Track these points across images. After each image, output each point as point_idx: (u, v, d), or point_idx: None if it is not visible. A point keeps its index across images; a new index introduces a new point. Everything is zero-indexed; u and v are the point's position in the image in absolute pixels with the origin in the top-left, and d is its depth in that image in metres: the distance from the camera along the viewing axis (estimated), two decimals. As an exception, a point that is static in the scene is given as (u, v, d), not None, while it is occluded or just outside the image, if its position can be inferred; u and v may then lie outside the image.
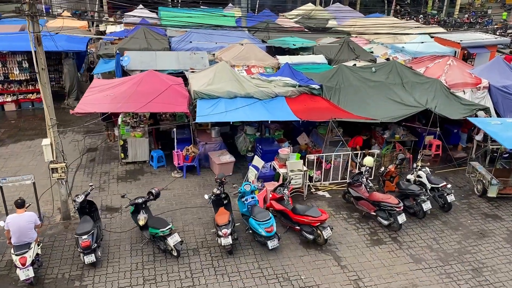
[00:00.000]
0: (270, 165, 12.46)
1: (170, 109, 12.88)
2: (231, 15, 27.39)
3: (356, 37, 23.57)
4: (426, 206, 10.75)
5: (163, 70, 16.59)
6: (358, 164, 12.48)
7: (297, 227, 10.05)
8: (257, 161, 12.05)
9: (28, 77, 18.22)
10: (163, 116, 15.08)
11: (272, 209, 10.58)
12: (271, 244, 9.45)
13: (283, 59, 18.39)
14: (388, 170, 11.66)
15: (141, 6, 29.77)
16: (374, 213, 10.69)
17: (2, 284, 8.43)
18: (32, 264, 8.36)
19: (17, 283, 8.38)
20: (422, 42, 19.86)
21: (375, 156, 12.88)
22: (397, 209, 10.22)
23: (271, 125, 14.33)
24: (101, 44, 21.41)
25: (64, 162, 10.16)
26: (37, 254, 8.58)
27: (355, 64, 17.06)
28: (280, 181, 11.60)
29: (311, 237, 9.80)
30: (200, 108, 12.59)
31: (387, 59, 19.59)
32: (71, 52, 18.24)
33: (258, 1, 37.03)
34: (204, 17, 24.06)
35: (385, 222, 10.50)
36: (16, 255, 8.10)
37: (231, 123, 13.43)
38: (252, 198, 10.07)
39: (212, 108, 12.70)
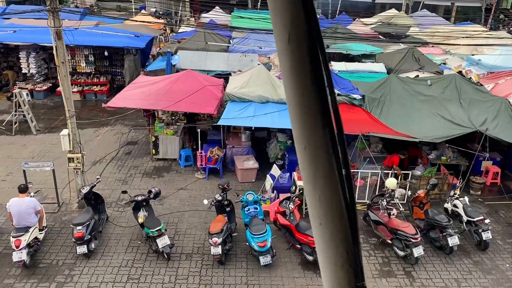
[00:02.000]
0: (291, 176, 11.82)
1: (197, 109, 12.83)
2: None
3: (432, 46, 21.70)
4: (453, 241, 9.37)
5: (211, 71, 16.72)
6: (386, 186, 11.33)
7: (298, 246, 9.36)
8: (275, 170, 11.49)
9: (93, 70, 19.44)
10: (200, 116, 15.11)
11: (279, 224, 9.99)
12: (263, 260, 8.89)
13: (337, 66, 17.51)
14: (417, 195, 10.39)
15: (217, 7, 30.47)
16: (390, 241, 9.59)
17: (2, 262, 8.94)
18: (30, 247, 8.77)
19: (14, 263, 8.82)
20: (500, 55, 17.58)
21: (410, 178, 11.59)
22: (413, 240, 9.04)
23: (304, 134, 13.59)
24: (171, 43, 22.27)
25: (81, 153, 10.53)
26: (36, 238, 8.97)
27: (417, 76, 15.66)
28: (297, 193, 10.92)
29: (311, 258, 9.06)
30: (229, 111, 12.38)
31: (459, 72, 17.69)
32: (132, 48, 19.09)
33: (338, 5, 35.89)
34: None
35: (401, 253, 9.36)
36: (13, 237, 8.54)
37: (269, 128, 13.08)
38: (255, 208, 9.59)
39: (241, 111, 12.41)
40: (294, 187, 10.56)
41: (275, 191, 11.25)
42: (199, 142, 12.72)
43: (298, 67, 0.92)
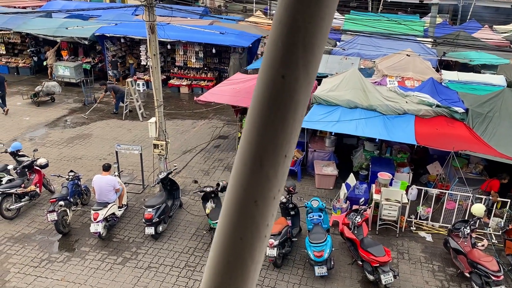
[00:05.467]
0: (369, 188, 11.09)
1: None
2: (421, 23, 25.10)
3: None
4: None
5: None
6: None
7: (360, 262, 8.75)
8: (351, 179, 10.89)
9: (202, 66, 20.58)
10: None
11: (345, 236, 9.45)
12: (318, 270, 8.49)
13: (448, 75, 16.04)
14: (510, 227, 8.96)
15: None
16: (469, 275, 8.42)
17: (84, 230, 9.95)
18: (106, 221, 9.62)
19: (91, 234, 9.73)
20: None
21: (508, 207, 10.03)
22: (493, 277, 7.81)
23: (394, 145, 12.68)
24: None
25: (165, 141, 11.20)
26: (113, 214, 9.79)
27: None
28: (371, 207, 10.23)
29: (371, 277, 8.41)
30: (313, 114, 12.09)
31: None
32: (238, 47, 19.73)
33: (469, 11, 32.68)
34: (390, 24, 22.78)
35: (479, 291, 8.16)
36: (93, 210, 9.44)
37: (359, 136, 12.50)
38: (319, 216, 9.20)
39: (326, 115, 12.03)
40: (363, 199, 9.85)
41: (348, 201, 10.67)
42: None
43: None
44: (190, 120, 17.15)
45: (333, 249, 8.84)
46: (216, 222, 7.95)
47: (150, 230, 9.51)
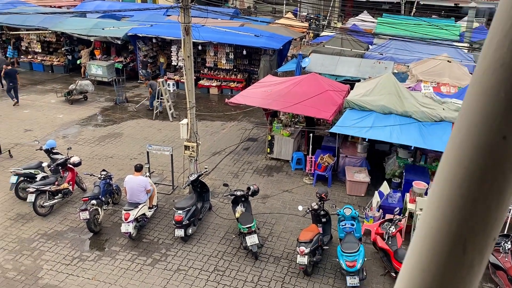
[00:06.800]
0: (403, 197, 10.77)
1: (312, 113, 12.53)
2: (456, 27, 24.40)
3: None
4: None
5: (340, 76, 16.28)
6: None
7: (393, 274, 8.48)
8: (384, 187, 10.60)
9: (232, 67, 20.55)
10: (320, 121, 14.79)
11: (377, 246, 9.19)
12: (350, 281, 8.26)
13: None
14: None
15: (365, 12, 29.57)
16: (509, 293, 8.05)
17: (114, 229, 10.01)
18: (137, 222, 9.65)
19: (121, 234, 9.77)
20: None
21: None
22: (537, 297, 7.43)
23: (429, 153, 12.29)
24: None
25: (196, 142, 11.18)
26: (144, 214, 9.82)
27: None
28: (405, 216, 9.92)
29: (405, 291, 8.11)
30: (345, 118, 11.87)
31: None
32: (269, 49, 19.61)
33: None
34: (424, 27, 22.26)
35: (520, 310, 7.78)
36: (124, 210, 9.48)
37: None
38: (352, 225, 8.98)
39: (359, 120, 11.77)
40: (398, 208, 9.55)
41: (381, 210, 10.38)
42: (310, 146, 12.42)
43: None
44: (220, 121, 17.13)
45: (365, 259, 8.60)
46: (246, 227, 7.85)
47: (179, 232, 9.48)
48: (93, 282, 8.46)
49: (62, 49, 22.36)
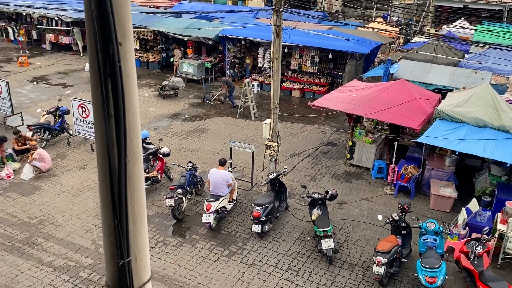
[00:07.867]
0: (494, 216, 10.05)
1: (399, 121, 12.12)
2: None
3: None
4: None
5: (431, 84, 15.61)
6: None
7: (477, 296, 7.98)
8: (473, 204, 9.97)
9: (316, 71, 20.53)
10: (406, 130, 14.25)
11: (461, 265, 8.70)
12: (428, 297, 7.92)
13: None
14: None
15: (462, 18, 27.92)
16: None
17: (196, 219, 10.52)
18: (217, 213, 10.07)
19: (202, 224, 10.24)
20: None
21: None
22: None
23: (527, 172, 11.34)
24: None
25: (277, 142, 11.37)
26: (224, 207, 10.22)
27: None
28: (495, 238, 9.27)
29: (489, 315, 7.62)
30: (435, 129, 11.37)
31: None
32: (356, 53, 19.30)
33: None
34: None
35: None
36: (206, 201, 9.95)
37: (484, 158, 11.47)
38: (434, 240, 8.58)
39: (450, 132, 11.21)
40: (488, 228, 8.95)
41: (467, 228, 9.79)
42: (394, 155, 12.04)
43: None
44: (300, 124, 17.23)
45: (446, 277, 8.18)
46: (322, 230, 7.85)
47: (256, 228, 9.73)
48: (174, 266, 8.99)
49: (158, 47, 23.86)
